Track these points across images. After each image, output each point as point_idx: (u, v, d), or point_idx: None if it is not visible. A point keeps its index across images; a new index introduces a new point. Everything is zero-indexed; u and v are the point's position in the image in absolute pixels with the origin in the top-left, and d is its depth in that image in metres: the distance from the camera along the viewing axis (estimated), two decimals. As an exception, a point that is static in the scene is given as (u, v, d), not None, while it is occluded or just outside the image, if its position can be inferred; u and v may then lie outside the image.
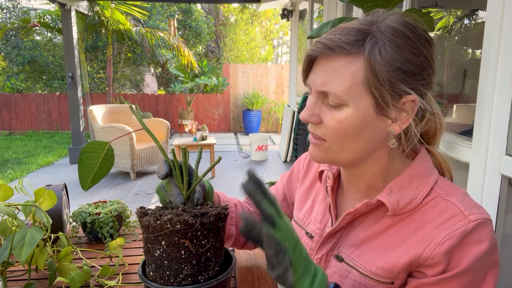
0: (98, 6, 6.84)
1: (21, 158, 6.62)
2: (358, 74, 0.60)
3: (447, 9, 3.36)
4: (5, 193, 0.92)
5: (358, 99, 0.61)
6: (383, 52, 0.59)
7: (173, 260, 0.66)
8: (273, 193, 0.96)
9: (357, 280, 0.68)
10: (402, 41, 0.60)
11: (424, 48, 0.62)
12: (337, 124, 0.63)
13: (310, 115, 0.65)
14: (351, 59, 0.60)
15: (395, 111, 0.62)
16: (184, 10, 11.48)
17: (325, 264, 0.75)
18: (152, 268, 0.68)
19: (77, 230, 1.30)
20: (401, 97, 0.62)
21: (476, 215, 0.61)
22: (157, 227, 0.66)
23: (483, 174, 1.47)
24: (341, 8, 3.89)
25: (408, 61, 0.60)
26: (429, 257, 0.61)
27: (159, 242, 0.66)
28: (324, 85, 0.62)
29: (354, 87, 0.60)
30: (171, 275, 0.66)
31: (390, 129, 0.64)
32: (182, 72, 9.17)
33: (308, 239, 0.80)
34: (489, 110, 1.42)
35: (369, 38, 0.60)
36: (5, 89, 10.50)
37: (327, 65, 0.62)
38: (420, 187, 0.66)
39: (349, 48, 0.60)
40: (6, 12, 10.71)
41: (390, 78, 0.60)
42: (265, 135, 6.31)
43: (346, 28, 0.62)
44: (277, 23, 13.84)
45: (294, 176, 0.94)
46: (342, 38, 0.60)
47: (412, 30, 0.62)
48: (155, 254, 0.67)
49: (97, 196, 4.46)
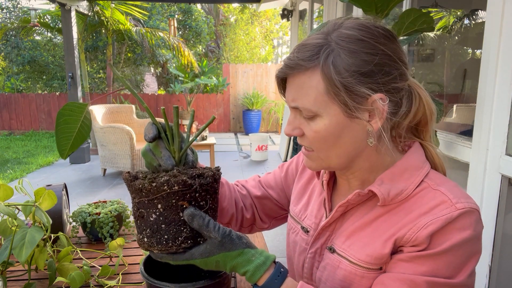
0: (98, 6, 6.84)
1: (21, 158, 6.62)
2: (319, 86, 0.63)
3: (447, 9, 3.36)
4: (5, 193, 0.92)
5: (326, 108, 0.64)
6: (337, 61, 0.62)
7: (171, 223, 0.63)
8: (271, 180, 0.96)
9: (347, 269, 0.69)
10: (355, 45, 0.63)
11: (382, 45, 0.63)
12: (315, 134, 0.66)
13: (292, 129, 0.70)
14: (309, 74, 0.64)
15: (365, 111, 0.64)
16: (184, 10, 11.48)
17: (319, 258, 0.77)
18: (147, 234, 0.65)
19: (77, 230, 1.30)
20: (367, 98, 0.63)
21: (464, 203, 0.62)
22: (152, 189, 0.62)
23: (483, 174, 1.47)
24: (341, 8, 3.89)
25: (365, 62, 0.62)
26: (411, 239, 0.62)
27: (154, 205, 0.63)
28: (294, 101, 0.67)
29: (319, 98, 0.64)
30: (169, 239, 0.63)
31: (368, 128, 0.66)
32: (182, 72, 9.17)
33: (304, 234, 0.81)
34: (489, 110, 1.42)
35: (322, 51, 0.63)
36: (5, 89, 10.50)
37: (293, 83, 0.67)
38: (411, 179, 0.67)
39: (305, 64, 0.64)
40: (6, 12, 10.71)
41: (347, 84, 0.62)
42: (265, 135, 6.31)
43: (302, 46, 0.66)
44: (277, 23, 13.84)
45: (292, 170, 0.95)
46: (299, 56, 0.65)
47: (366, 31, 0.64)
48: (150, 219, 0.64)
49: (97, 196, 4.46)
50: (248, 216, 0.93)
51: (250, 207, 0.95)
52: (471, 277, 0.63)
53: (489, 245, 1.41)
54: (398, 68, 0.65)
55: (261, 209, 0.96)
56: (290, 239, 0.87)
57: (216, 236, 0.63)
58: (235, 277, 1.01)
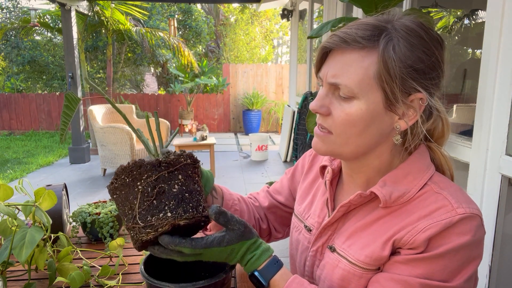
0: (98, 6, 6.84)
1: (21, 158, 6.62)
2: (371, 69, 0.62)
3: (447, 9, 3.36)
4: (5, 193, 0.92)
5: (369, 93, 0.62)
6: (396, 49, 0.61)
7: (192, 192, 0.67)
8: (278, 187, 0.97)
9: (346, 269, 0.69)
10: (416, 40, 0.62)
11: (436, 50, 0.63)
12: (345, 116, 0.64)
13: (320, 106, 0.67)
14: (365, 53, 0.62)
15: (403, 107, 0.64)
16: (184, 10, 11.48)
17: (320, 256, 0.77)
18: (171, 207, 0.64)
19: (77, 230, 1.30)
20: (410, 94, 0.63)
21: (465, 208, 0.62)
22: (172, 161, 0.66)
23: (483, 174, 1.47)
24: (341, 8, 3.89)
25: (420, 59, 0.62)
26: (408, 241, 0.62)
27: (175, 176, 0.66)
28: (336, 77, 0.64)
29: (366, 80, 0.62)
30: (194, 207, 0.65)
31: (396, 125, 0.65)
32: (182, 72, 9.17)
33: (307, 233, 0.81)
34: (489, 110, 1.42)
35: (384, 35, 0.62)
36: (5, 89, 10.50)
37: (341, 58, 0.64)
38: (414, 181, 0.67)
39: (364, 42, 0.62)
40: (6, 12, 10.71)
41: (402, 75, 0.61)
42: (265, 135, 6.31)
43: (362, 23, 0.64)
44: (277, 23, 13.85)
45: (298, 171, 0.95)
46: (358, 33, 0.62)
47: (426, 31, 0.63)
48: (173, 190, 0.65)
49: (97, 196, 4.46)
50: (264, 226, 0.95)
51: (265, 217, 0.97)
52: (469, 282, 0.62)
53: (489, 245, 1.41)
54: (440, 76, 0.66)
55: (273, 219, 0.97)
56: (293, 237, 0.87)
57: (239, 228, 0.66)
58: (235, 277, 1.01)
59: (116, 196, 0.69)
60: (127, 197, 0.67)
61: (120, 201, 0.68)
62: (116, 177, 0.68)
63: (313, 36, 1.58)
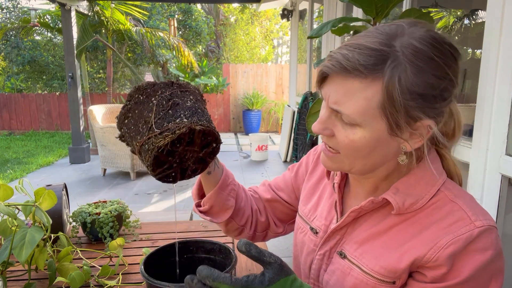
0: (98, 6, 6.84)
1: (21, 158, 6.62)
2: (374, 99, 0.58)
3: (447, 9, 3.36)
4: (5, 193, 0.92)
5: (373, 122, 0.60)
6: (402, 79, 0.57)
7: (204, 111, 0.70)
8: (281, 183, 0.95)
9: (359, 278, 0.68)
10: (425, 64, 0.57)
11: (449, 68, 0.59)
12: (349, 142, 0.62)
13: (323, 128, 0.65)
14: (368, 83, 0.58)
15: (408, 132, 0.61)
16: (184, 10, 11.48)
17: (328, 261, 0.75)
18: (186, 115, 0.65)
19: (77, 230, 1.30)
20: (416, 122, 0.60)
21: (483, 221, 0.61)
22: (183, 84, 0.70)
23: (483, 174, 1.47)
24: (341, 8, 3.89)
25: (429, 86, 0.58)
26: (431, 259, 0.61)
27: (187, 96, 0.69)
28: (338, 104, 0.61)
29: (369, 111, 0.59)
30: (207, 120, 0.68)
31: (402, 146, 0.63)
32: (182, 72, 9.17)
33: (313, 235, 0.80)
34: (489, 110, 1.42)
35: (389, 62, 0.57)
36: (5, 89, 10.50)
37: (341, 84, 0.60)
38: (427, 188, 0.65)
39: (366, 72, 0.57)
40: (6, 12, 10.71)
41: (407, 106, 0.58)
42: (265, 135, 6.31)
43: (364, 47, 0.58)
44: (277, 23, 13.85)
45: (302, 169, 0.94)
46: (360, 60, 0.57)
47: (438, 49, 0.58)
48: (187, 104, 0.68)
49: (97, 196, 4.46)
50: (263, 219, 0.93)
51: (264, 210, 0.95)
52: None
53: (489, 245, 1.41)
54: (454, 92, 0.61)
55: (273, 213, 0.96)
56: (297, 239, 0.86)
57: (276, 260, 0.57)
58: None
59: (127, 120, 0.69)
60: (141, 113, 0.67)
61: (133, 122, 0.68)
62: (130, 98, 0.69)
63: (313, 36, 1.58)
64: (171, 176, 0.70)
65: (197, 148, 0.69)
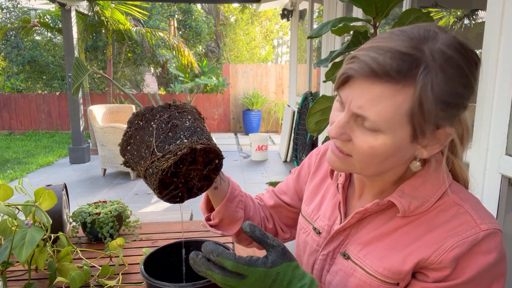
0: (98, 6, 6.84)
1: (21, 158, 6.62)
2: (403, 106, 0.55)
3: (447, 9, 3.36)
4: (5, 193, 0.92)
5: (397, 129, 0.57)
6: (434, 86, 0.54)
7: (203, 130, 0.71)
8: (284, 187, 0.95)
9: (362, 279, 0.68)
10: (454, 71, 0.55)
11: (473, 77, 0.57)
12: (368, 148, 0.59)
13: (340, 133, 0.61)
14: (398, 89, 0.55)
15: (428, 139, 0.60)
16: (184, 10, 11.48)
17: (331, 261, 0.75)
18: (186, 135, 0.67)
19: (77, 230, 1.30)
20: (439, 128, 0.59)
21: (488, 224, 0.61)
22: (180, 105, 0.71)
23: (483, 174, 1.47)
24: (341, 8, 3.89)
25: (456, 94, 0.56)
26: (436, 261, 0.60)
27: (185, 116, 0.70)
28: (363, 109, 0.57)
29: (395, 117, 0.56)
30: (207, 138, 0.69)
31: (418, 153, 0.62)
32: (182, 72, 9.17)
33: (316, 235, 0.80)
34: (489, 110, 1.42)
35: (422, 68, 0.54)
36: (5, 89, 10.50)
37: (369, 89, 0.56)
38: (433, 190, 0.65)
39: (398, 77, 0.54)
40: (6, 12, 10.71)
41: (436, 114, 0.56)
42: (265, 135, 6.31)
43: (397, 52, 0.54)
44: (277, 23, 13.85)
45: (305, 171, 0.94)
46: (393, 65, 0.53)
47: (464, 55, 0.56)
48: (186, 124, 0.69)
49: (97, 196, 4.46)
50: (270, 226, 0.94)
51: (270, 217, 0.96)
52: None
53: (489, 245, 1.41)
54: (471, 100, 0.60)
55: (279, 219, 0.96)
56: (300, 238, 0.85)
57: (279, 244, 0.60)
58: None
59: (130, 146, 0.70)
60: (142, 139, 0.68)
61: (135, 148, 0.69)
62: (130, 125, 0.70)
63: (313, 36, 1.58)
64: (178, 197, 0.70)
65: (200, 166, 0.69)
